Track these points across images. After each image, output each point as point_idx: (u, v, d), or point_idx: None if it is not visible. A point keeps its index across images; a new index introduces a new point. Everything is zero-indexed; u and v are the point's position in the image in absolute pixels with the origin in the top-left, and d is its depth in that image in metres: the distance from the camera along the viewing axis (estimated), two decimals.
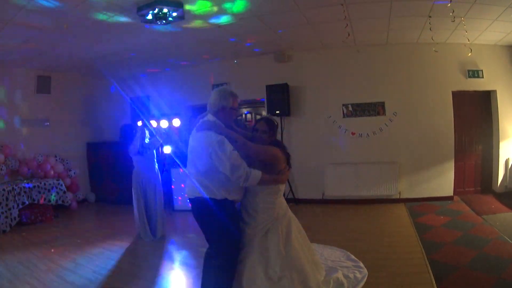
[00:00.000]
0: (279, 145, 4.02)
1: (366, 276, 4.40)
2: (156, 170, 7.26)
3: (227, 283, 3.63)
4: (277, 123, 4.05)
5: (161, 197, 7.18)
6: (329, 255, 5.05)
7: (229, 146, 3.43)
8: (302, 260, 3.79)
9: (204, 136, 3.52)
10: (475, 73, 8.61)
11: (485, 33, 7.77)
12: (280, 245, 3.69)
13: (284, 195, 4.13)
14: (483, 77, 8.61)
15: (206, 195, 3.55)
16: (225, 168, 3.40)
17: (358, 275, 4.39)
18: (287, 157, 3.97)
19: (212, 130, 3.51)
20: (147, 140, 7.18)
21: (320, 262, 4.34)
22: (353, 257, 4.97)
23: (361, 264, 4.69)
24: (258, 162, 3.68)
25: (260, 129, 3.89)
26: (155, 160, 7.28)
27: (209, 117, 3.68)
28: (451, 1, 5.82)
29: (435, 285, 4.32)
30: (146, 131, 7.27)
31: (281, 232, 3.75)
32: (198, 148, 3.57)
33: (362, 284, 4.24)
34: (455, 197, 8.69)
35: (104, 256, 6.10)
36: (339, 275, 4.22)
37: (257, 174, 3.51)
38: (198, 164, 3.59)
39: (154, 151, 7.27)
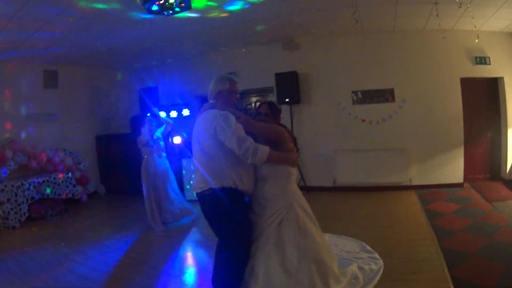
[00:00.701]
0: (284, 127, 3.83)
1: (382, 268, 4.18)
2: (165, 160, 7.18)
3: (238, 277, 3.43)
4: (280, 108, 3.88)
5: (175, 184, 7.17)
6: (344, 246, 4.85)
7: (233, 119, 3.29)
8: (320, 250, 3.54)
9: (208, 114, 3.43)
10: (482, 60, 8.38)
11: (491, 20, 7.57)
12: (296, 235, 3.42)
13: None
14: (490, 64, 8.38)
15: (213, 184, 3.35)
16: (230, 141, 3.23)
17: (373, 266, 4.17)
18: (294, 140, 3.81)
19: (214, 108, 3.44)
20: (158, 133, 7.09)
21: (334, 252, 4.08)
22: (368, 247, 4.76)
23: (377, 256, 4.48)
24: (265, 142, 3.47)
25: (263, 112, 3.75)
26: (164, 150, 7.20)
27: (211, 102, 3.63)
28: None
29: (447, 272, 4.15)
30: (153, 122, 7.19)
31: (296, 221, 3.47)
32: (203, 128, 3.42)
33: (378, 277, 4.00)
34: (465, 184, 8.49)
35: (115, 248, 5.97)
36: (354, 267, 4.00)
37: (265, 148, 3.33)
38: (205, 146, 3.41)
39: (162, 142, 7.19)
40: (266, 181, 3.56)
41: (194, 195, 3.67)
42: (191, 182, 8.53)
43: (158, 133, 7.17)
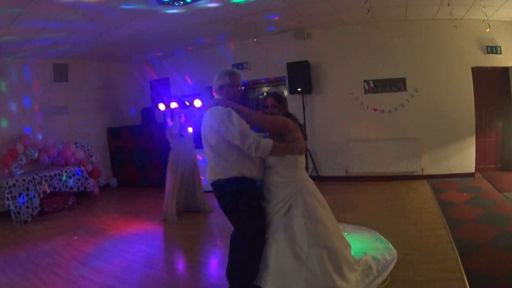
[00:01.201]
0: (290, 116, 3.77)
1: (396, 258, 4.08)
2: (194, 150, 7.16)
3: (254, 264, 3.41)
4: (285, 97, 3.83)
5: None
6: (358, 236, 4.78)
7: (236, 116, 3.33)
8: (331, 236, 3.48)
9: (212, 111, 3.46)
10: (493, 49, 8.18)
11: (502, 9, 7.37)
12: (305, 221, 3.37)
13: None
14: (501, 53, 8.18)
15: (223, 175, 3.41)
16: (234, 137, 3.27)
17: (387, 257, 4.06)
18: (301, 129, 3.74)
19: (218, 105, 3.46)
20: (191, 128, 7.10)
21: (347, 241, 3.97)
22: (382, 238, 4.70)
23: (391, 246, 4.40)
24: (271, 135, 3.50)
25: (270, 104, 3.68)
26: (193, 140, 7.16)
27: (216, 96, 3.63)
28: None
29: (459, 261, 4.05)
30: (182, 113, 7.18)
31: (305, 207, 3.42)
32: (208, 125, 3.46)
33: (391, 267, 3.90)
34: (477, 174, 8.33)
35: (127, 240, 5.88)
36: (368, 257, 3.90)
37: (268, 141, 3.34)
38: (211, 142, 3.47)
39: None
40: (273, 169, 3.52)
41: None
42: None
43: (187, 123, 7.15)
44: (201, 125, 3.54)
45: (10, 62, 8.48)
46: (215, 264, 4.79)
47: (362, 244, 4.43)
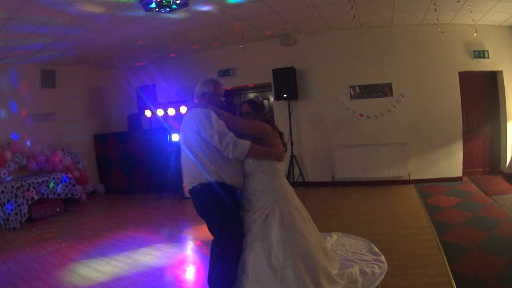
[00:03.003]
0: (268, 122, 3.80)
1: (385, 272, 4.00)
2: None
3: (232, 271, 3.43)
4: (263, 104, 3.93)
5: None
6: (350, 246, 4.69)
7: (214, 115, 3.39)
8: (309, 246, 3.44)
9: (191, 112, 3.55)
10: (480, 54, 8.33)
11: (489, 14, 7.51)
12: (282, 230, 3.37)
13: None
14: (489, 57, 8.33)
15: (201, 179, 3.42)
16: (212, 137, 3.32)
17: (376, 270, 3.98)
18: (280, 137, 3.79)
19: (198, 107, 3.58)
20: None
21: (333, 253, 4.01)
22: (375, 249, 4.56)
23: (383, 258, 4.29)
24: (250, 139, 3.50)
25: (244, 111, 3.77)
26: None
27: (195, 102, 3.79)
28: None
29: (447, 266, 4.13)
30: None
31: (282, 216, 3.42)
32: (188, 126, 3.50)
33: (378, 281, 3.83)
34: (464, 178, 8.46)
35: (115, 247, 5.92)
36: (355, 269, 3.83)
37: (245, 143, 3.39)
38: (190, 144, 3.49)
39: None
40: (251, 176, 3.56)
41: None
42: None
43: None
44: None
45: None
46: (203, 271, 4.75)
47: (353, 255, 4.37)
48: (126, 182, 10.30)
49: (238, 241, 3.45)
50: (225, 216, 3.42)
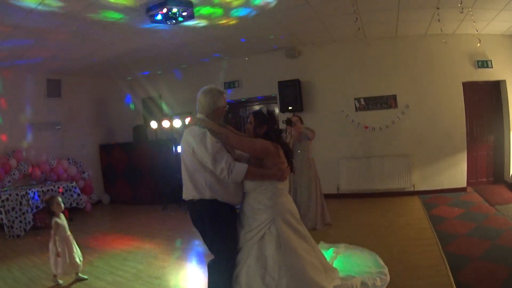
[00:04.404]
0: (273, 138, 3.58)
1: (386, 284, 4.08)
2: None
3: (226, 285, 3.42)
4: (271, 117, 3.68)
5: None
6: (356, 259, 4.74)
7: (210, 139, 3.29)
8: (305, 266, 3.40)
9: (188, 132, 3.46)
10: (484, 63, 8.37)
11: (492, 23, 7.57)
12: (278, 250, 3.34)
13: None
14: (492, 67, 8.37)
15: (195, 195, 3.38)
16: (207, 161, 3.26)
17: (378, 283, 4.04)
18: (286, 154, 3.62)
19: (196, 125, 3.43)
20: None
21: (333, 267, 4.00)
22: (381, 262, 4.60)
23: (386, 271, 4.33)
24: (251, 157, 3.50)
25: (248, 121, 3.69)
26: None
27: (198, 115, 3.56)
28: None
29: (451, 277, 4.13)
30: None
31: (279, 236, 3.37)
32: (185, 145, 3.45)
33: None
34: (468, 188, 8.49)
35: (120, 257, 5.93)
36: (356, 281, 3.89)
37: (241, 166, 3.30)
38: (186, 161, 3.45)
39: None
40: (251, 194, 3.49)
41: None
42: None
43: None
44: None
45: (4, 77, 8.61)
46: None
47: (357, 267, 4.40)
48: (131, 192, 10.34)
49: (231, 255, 3.43)
50: (217, 231, 3.38)
